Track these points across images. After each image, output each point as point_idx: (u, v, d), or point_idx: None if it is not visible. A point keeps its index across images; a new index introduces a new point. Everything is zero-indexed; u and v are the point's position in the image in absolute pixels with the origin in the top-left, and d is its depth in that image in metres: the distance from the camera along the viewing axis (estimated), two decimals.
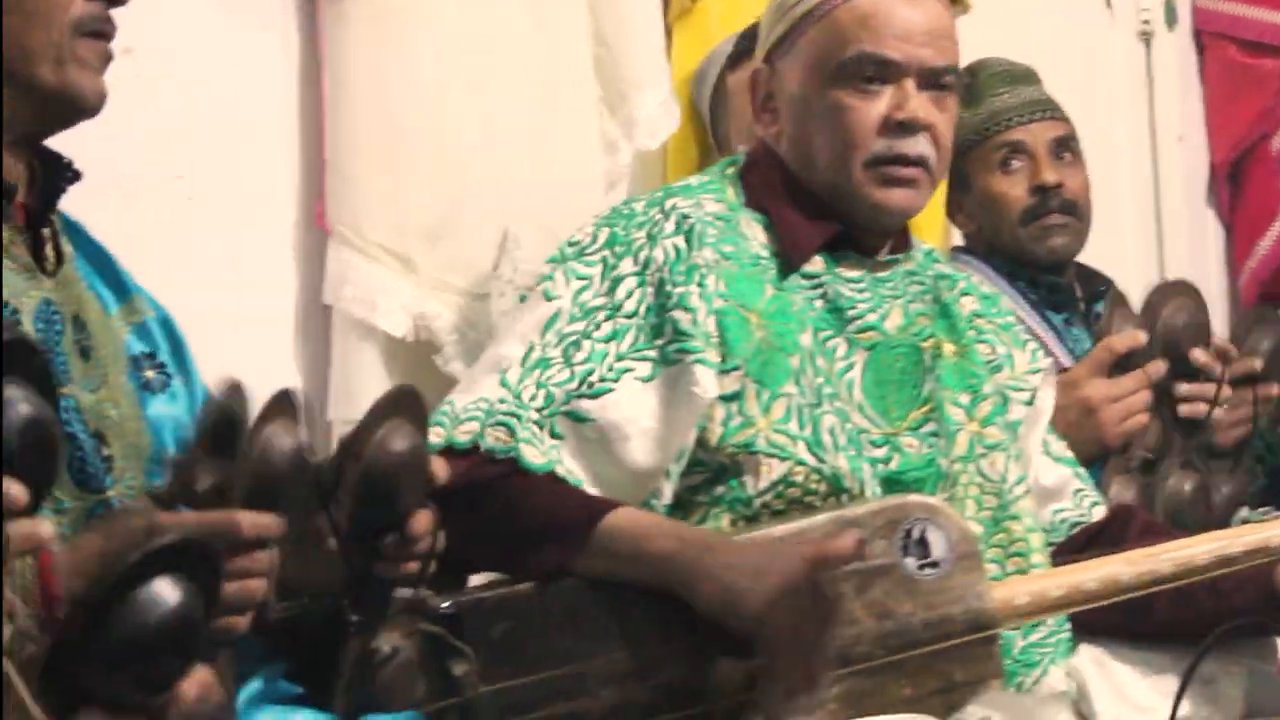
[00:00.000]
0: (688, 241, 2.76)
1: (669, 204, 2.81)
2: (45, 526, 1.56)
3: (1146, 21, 5.05)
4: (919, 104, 2.82)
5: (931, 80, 2.84)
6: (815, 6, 2.84)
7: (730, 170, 2.94)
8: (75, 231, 2.40)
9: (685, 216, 2.78)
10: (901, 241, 2.93)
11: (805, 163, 2.86)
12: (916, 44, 2.82)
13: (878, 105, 2.81)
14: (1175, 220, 5.11)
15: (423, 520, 2.25)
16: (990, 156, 3.82)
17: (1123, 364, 3.41)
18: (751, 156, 2.96)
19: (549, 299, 2.77)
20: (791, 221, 2.86)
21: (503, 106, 3.46)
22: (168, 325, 2.46)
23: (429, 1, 3.36)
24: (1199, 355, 3.45)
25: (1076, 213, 3.83)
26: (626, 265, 2.76)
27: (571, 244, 2.82)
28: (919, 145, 2.82)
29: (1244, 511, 3.24)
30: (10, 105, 2.21)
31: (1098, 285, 3.90)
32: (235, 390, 2.07)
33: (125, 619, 1.60)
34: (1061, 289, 3.81)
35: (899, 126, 2.81)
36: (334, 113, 3.32)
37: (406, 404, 2.26)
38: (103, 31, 2.25)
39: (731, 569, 2.54)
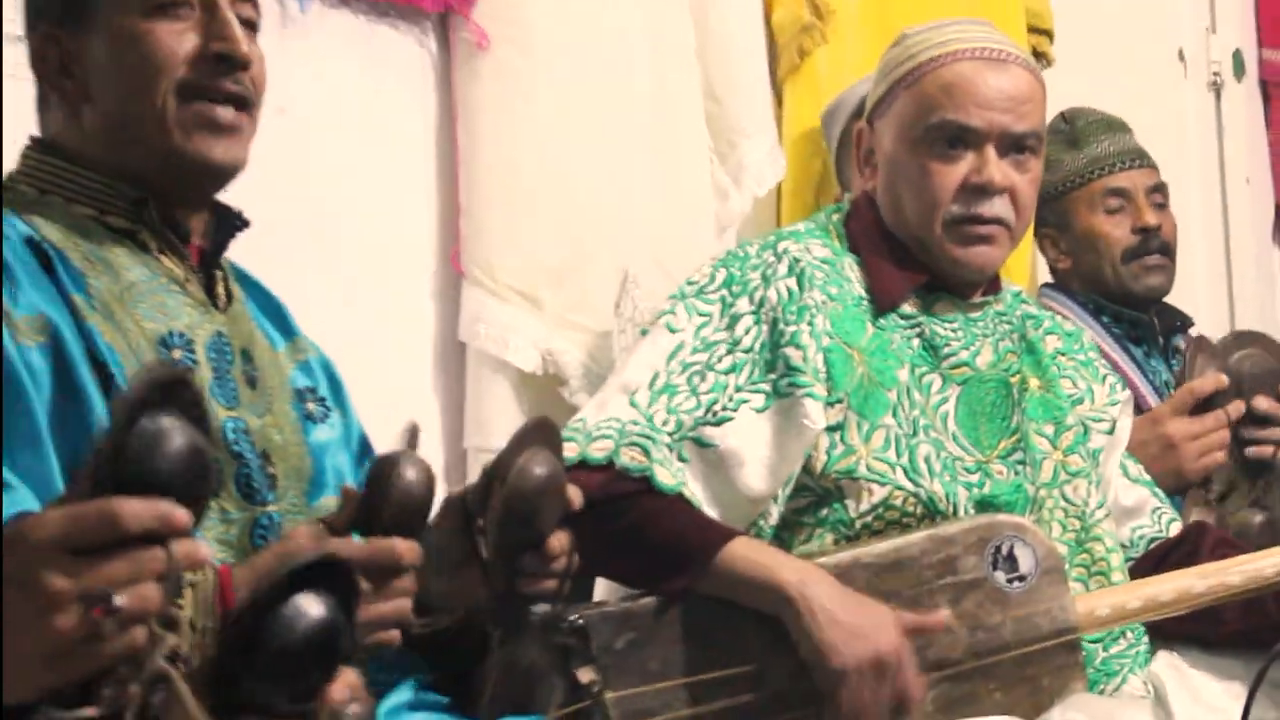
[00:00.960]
0: (799, 284, 2.76)
1: (781, 248, 2.80)
2: (204, 547, 1.54)
3: (1216, 74, 5.05)
4: (996, 169, 2.79)
5: (1012, 145, 2.82)
6: (908, 73, 2.84)
7: (835, 217, 2.93)
8: (245, 279, 2.42)
9: (796, 260, 2.78)
10: (992, 285, 2.92)
11: (896, 217, 2.85)
12: (998, 110, 2.80)
13: (958, 169, 2.80)
14: (1243, 256, 5.11)
15: (560, 541, 2.22)
16: (1094, 199, 3.79)
17: (1203, 404, 3.38)
18: (854, 206, 2.94)
19: (672, 331, 2.76)
20: (883, 269, 2.85)
21: (622, 157, 3.44)
22: (327, 367, 2.48)
23: (553, 62, 3.34)
24: (1261, 403, 3.42)
25: (1170, 254, 3.80)
26: (743, 304, 2.76)
27: (691, 283, 2.81)
28: (995, 207, 2.80)
29: None
30: (145, 170, 2.20)
31: (1174, 320, 3.87)
32: (411, 435, 2.05)
33: (273, 632, 1.58)
34: (1142, 324, 3.80)
35: (977, 189, 2.79)
36: (467, 165, 3.30)
37: (545, 433, 2.23)
38: (211, 94, 2.19)
39: (835, 622, 2.55)
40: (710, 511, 2.70)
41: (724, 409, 2.71)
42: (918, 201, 2.81)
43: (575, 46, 3.38)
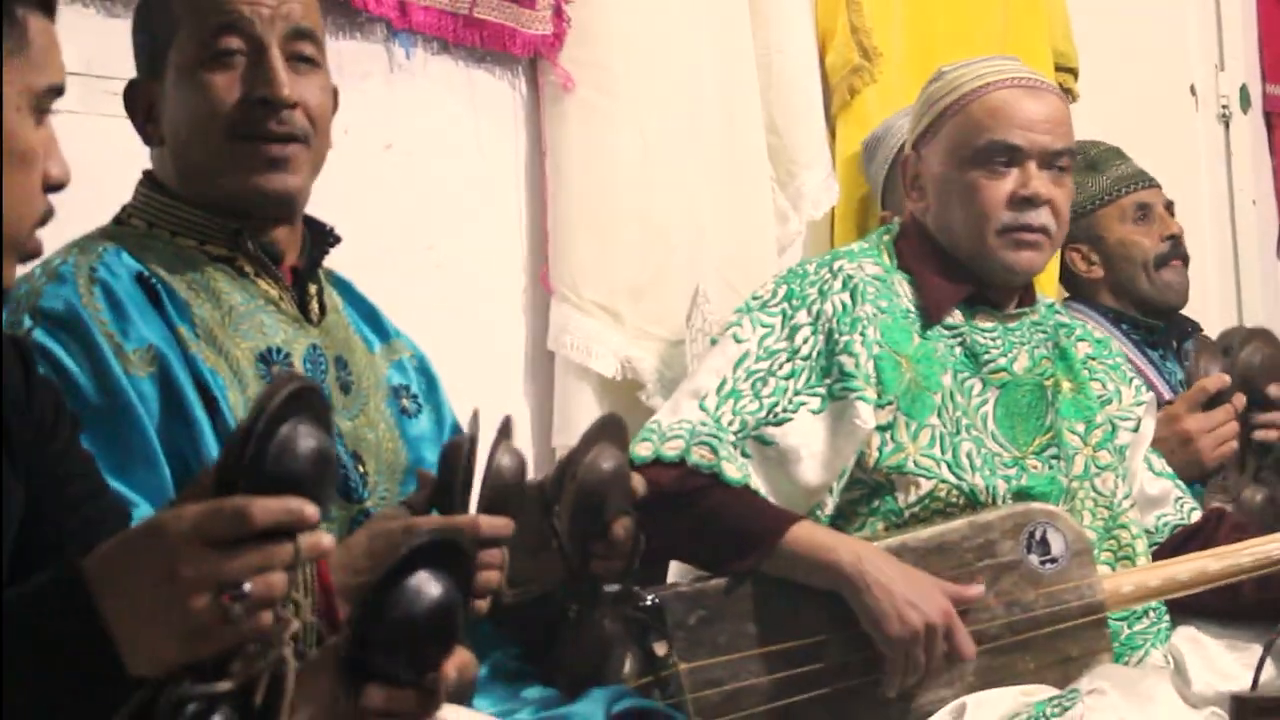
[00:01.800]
0: (852, 298, 2.77)
1: (836, 265, 2.82)
2: (328, 538, 1.53)
3: (1225, 106, 5.03)
4: (1040, 183, 2.82)
5: (1050, 161, 2.84)
6: (953, 103, 2.87)
7: (886, 238, 2.95)
8: (344, 287, 2.44)
9: (850, 277, 2.79)
10: (1027, 296, 2.94)
11: (947, 232, 2.86)
12: (1038, 131, 2.83)
13: (1006, 184, 2.82)
14: (1250, 272, 5.09)
15: (625, 527, 2.23)
16: (1124, 212, 3.80)
17: (1212, 400, 3.35)
18: (903, 227, 2.96)
19: (738, 341, 2.78)
20: (933, 283, 2.85)
21: (693, 186, 3.44)
22: (423, 365, 2.48)
23: (632, 102, 3.34)
24: (1275, 390, 3.39)
25: (1188, 260, 3.83)
26: (802, 317, 2.76)
27: (755, 298, 2.83)
28: (1041, 216, 2.83)
29: None
30: (217, 202, 2.21)
31: (1186, 327, 3.88)
32: (471, 422, 2.04)
33: (399, 608, 1.57)
34: (1158, 331, 3.79)
35: (1024, 201, 2.81)
36: (555, 194, 3.30)
37: (611, 430, 2.23)
38: (259, 134, 2.19)
39: (890, 594, 2.57)
40: (776, 503, 2.71)
41: (784, 410, 2.72)
42: (970, 214, 2.83)
43: (652, 88, 3.38)
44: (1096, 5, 4.56)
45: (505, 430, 2.05)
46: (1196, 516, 3.04)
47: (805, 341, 2.75)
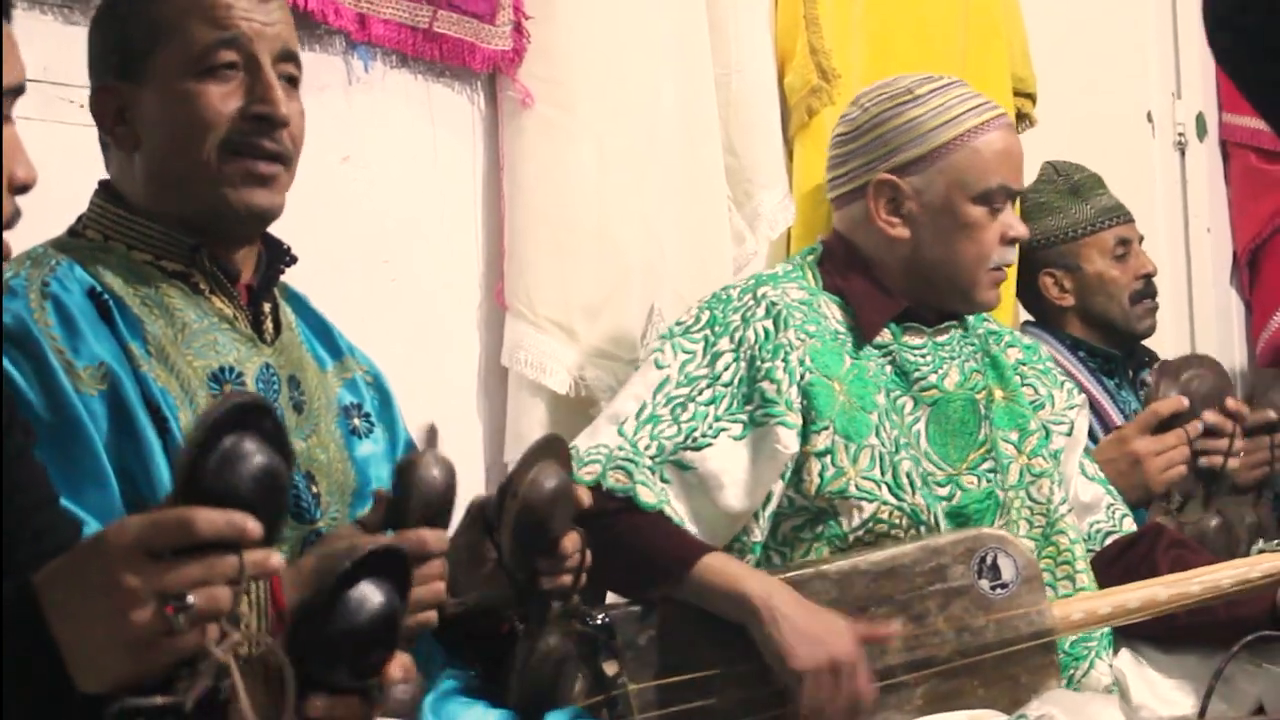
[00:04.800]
0: (775, 324, 2.78)
1: (760, 292, 2.83)
2: (276, 557, 1.54)
3: (1181, 134, 5.05)
4: (1021, 224, 2.95)
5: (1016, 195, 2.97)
6: (956, 137, 2.90)
7: (810, 258, 2.97)
8: (298, 301, 2.43)
9: (774, 303, 2.80)
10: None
11: (941, 263, 2.89)
12: (1020, 174, 2.95)
13: (999, 224, 2.89)
14: (1204, 299, 5.10)
15: (572, 541, 2.21)
16: (1106, 247, 3.82)
17: (1166, 424, 3.37)
18: (827, 248, 2.97)
19: (659, 367, 2.79)
20: (867, 302, 2.87)
21: (651, 205, 3.43)
22: (378, 382, 2.47)
23: (590, 119, 3.33)
24: (1210, 416, 3.41)
25: (1156, 298, 3.88)
26: (724, 343, 2.78)
27: (678, 324, 2.86)
28: (1013, 255, 2.95)
29: (1260, 543, 3.19)
30: (192, 216, 2.20)
31: (1143, 357, 3.89)
32: (430, 435, 2.03)
33: (342, 617, 1.59)
34: (1114, 360, 3.79)
35: (1011, 242, 2.91)
36: (511, 209, 3.30)
37: (553, 449, 2.22)
38: (252, 151, 2.18)
39: (795, 630, 2.57)
40: (692, 528, 2.72)
41: (704, 436, 2.72)
42: (974, 250, 2.87)
43: (610, 105, 3.37)
44: (1056, 31, 4.57)
45: (432, 439, 2.04)
46: (1129, 524, 3.07)
47: (727, 368, 2.76)
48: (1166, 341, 4.47)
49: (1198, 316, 5.04)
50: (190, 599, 1.44)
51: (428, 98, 3.23)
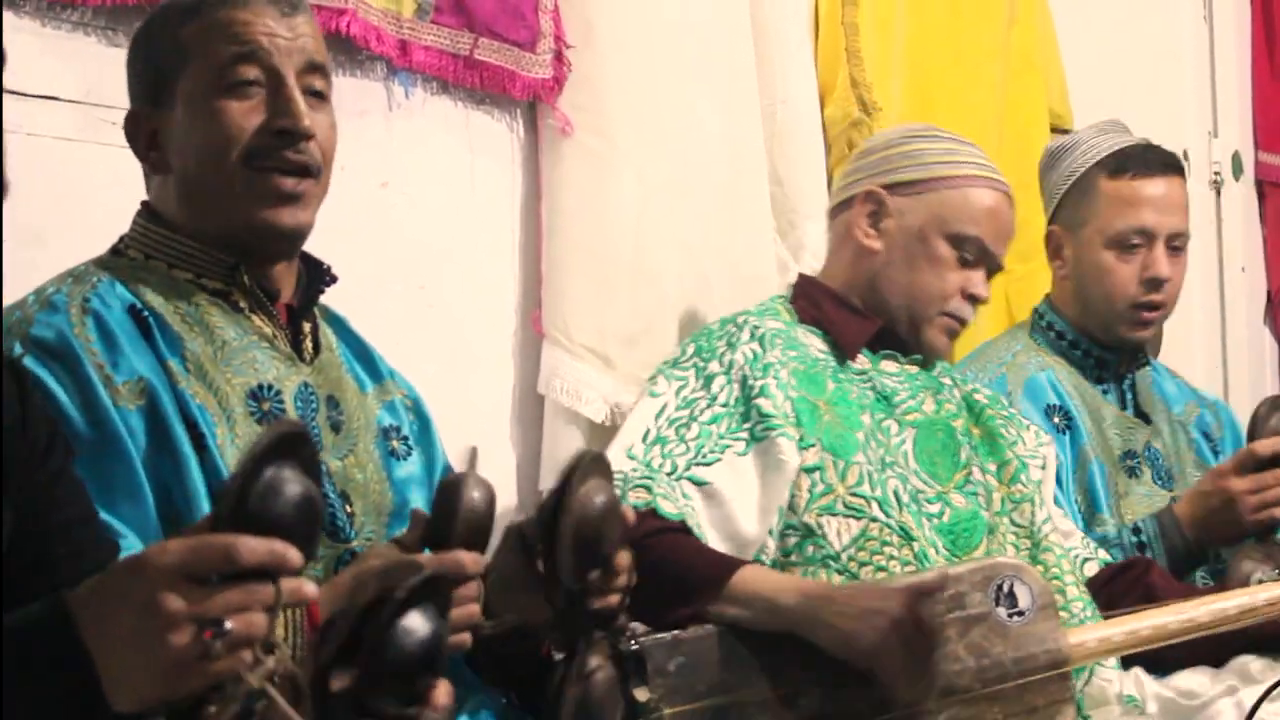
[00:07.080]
0: (761, 346, 2.84)
1: (740, 320, 2.91)
2: (310, 586, 1.55)
3: (1217, 174, 5.05)
4: (982, 280, 2.98)
5: (992, 262, 2.99)
6: (942, 178, 2.97)
7: (780, 301, 3.05)
8: (339, 324, 2.43)
9: (756, 328, 2.88)
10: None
11: (896, 286, 2.97)
12: (1001, 240, 2.99)
13: (959, 275, 2.95)
14: (1237, 336, 5.10)
15: (624, 559, 2.17)
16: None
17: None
18: (797, 289, 3.08)
19: (655, 396, 2.84)
20: (844, 323, 2.96)
21: (692, 234, 3.44)
22: (417, 406, 2.47)
23: (631, 147, 3.34)
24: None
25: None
26: (714, 367, 2.83)
27: (667, 361, 2.91)
28: (970, 313, 2.99)
29: (1259, 574, 3.11)
30: (222, 233, 2.19)
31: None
32: (471, 457, 2.03)
33: (391, 647, 1.58)
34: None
35: (971, 297, 2.96)
36: (550, 238, 3.29)
37: (598, 466, 2.20)
38: (275, 164, 2.17)
39: (845, 615, 2.53)
40: (718, 546, 2.71)
41: (711, 452, 2.74)
42: (935, 285, 2.95)
43: (651, 135, 3.37)
44: (1093, 68, 4.57)
45: (472, 462, 2.03)
46: (1103, 554, 3.12)
47: (722, 389, 2.80)
48: (1199, 379, 4.44)
49: (1230, 355, 5.04)
50: (228, 624, 1.44)
51: (467, 125, 3.24)
